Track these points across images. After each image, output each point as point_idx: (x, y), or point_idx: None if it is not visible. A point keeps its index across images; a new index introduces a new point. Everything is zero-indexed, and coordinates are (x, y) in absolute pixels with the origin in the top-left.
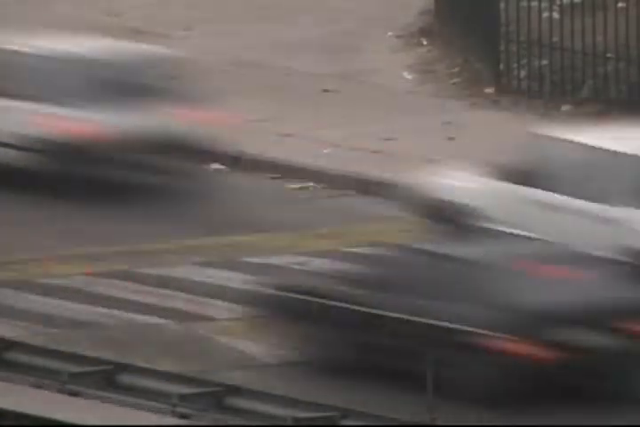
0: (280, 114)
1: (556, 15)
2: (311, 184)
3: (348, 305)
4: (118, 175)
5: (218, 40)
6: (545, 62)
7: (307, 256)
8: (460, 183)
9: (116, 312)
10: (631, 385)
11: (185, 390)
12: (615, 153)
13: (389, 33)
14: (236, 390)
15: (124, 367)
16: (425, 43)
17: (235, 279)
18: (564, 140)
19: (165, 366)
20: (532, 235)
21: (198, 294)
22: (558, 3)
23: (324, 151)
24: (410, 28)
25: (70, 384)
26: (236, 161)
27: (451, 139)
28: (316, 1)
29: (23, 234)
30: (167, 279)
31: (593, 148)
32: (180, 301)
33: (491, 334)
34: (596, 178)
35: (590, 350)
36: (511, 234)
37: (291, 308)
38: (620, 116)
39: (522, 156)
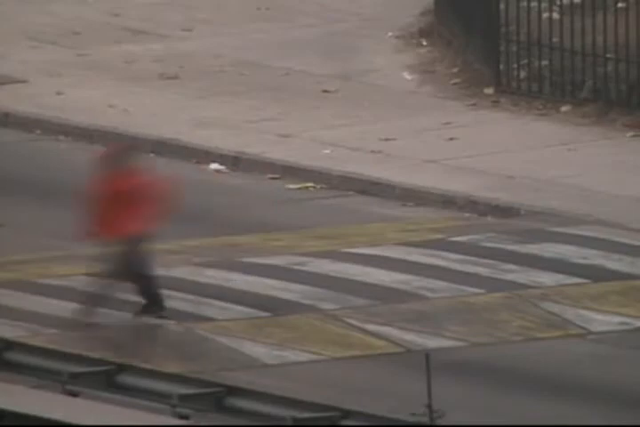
0: (280, 114)
1: (556, 15)
2: (311, 184)
3: None
4: None
5: (218, 40)
6: (545, 63)
7: (307, 256)
8: None
9: (115, 312)
10: None
11: (185, 390)
12: None
13: (389, 33)
14: (236, 391)
15: (124, 368)
16: (425, 43)
17: (235, 279)
18: None
19: (165, 366)
20: None
21: (198, 294)
22: (558, 3)
23: (324, 151)
24: (410, 28)
25: (70, 384)
26: (236, 161)
27: (451, 139)
28: (316, 1)
29: (23, 234)
30: (167, 279)
31: None
32: (179, 301)
33: None
34: None
35: None
36: None
37: None
38: (620, 117)
39: None
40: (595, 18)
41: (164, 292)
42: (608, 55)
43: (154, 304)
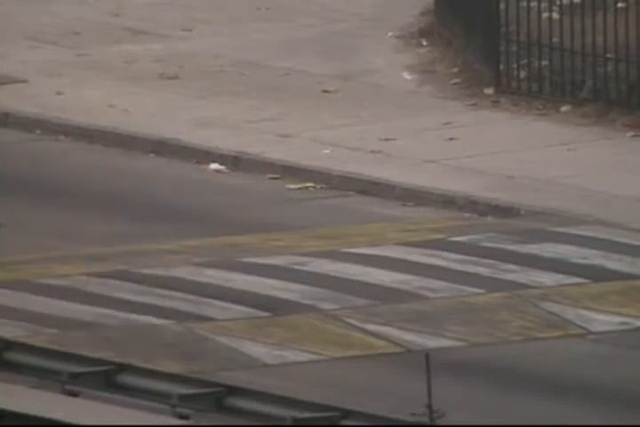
0: (280, 114)
1: (555, 15)
2: (311, 184)
3: None
4: None
5: (218, 40)
6: (545, 63)
7: (307, 256)
8: None
9: (115, 312)
10: None
11: (185, 390)
12: None
13: (389, 33)
14: (236, 391)
15: (124, 367)
16: (425, 43)
17: (235, 279)
18: None
19: (165, 366)
20: None
21: (198, 294)
22: (558, 3)
23: (324, 151)
24: (410, 28)
25: (70, 384)
26: (236, 161)
27: (451, 139)
28: (316, 1)
29: (23, 234)
30: (167, 279)
31: None
32: (179, 301)
33: None
34: None
35: None
36: None
37: None
38: (620, 117)
39: None
40: (595, 18)
41: (165, 291)
42: (608, 55)
43: None
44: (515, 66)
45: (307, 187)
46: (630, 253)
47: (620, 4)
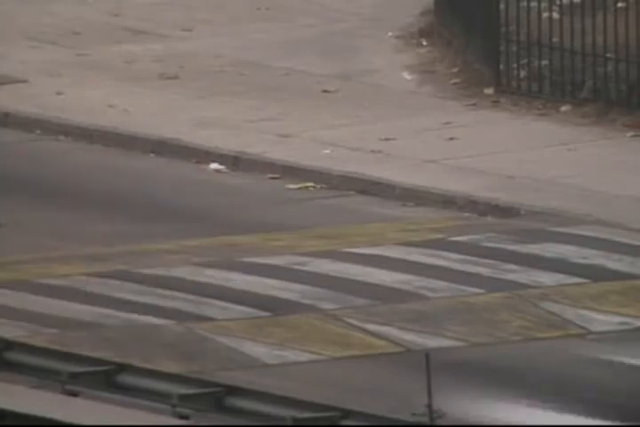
0: (280, 114)
1: (555, 15)
2: (311, 184)
3: None
4: None
5: (218, 40)
6: (545, 62)
7: (307, 256)
8: None
9: (116, 312)
10: None
11: (185, 390)
12: None
13: (389, 33)
14: (236, 391)
15: (124, 367)
16: (425, 43)
17: (235, 279)
18: None
19: (165, 366)
20: None
21: (198, 294)
22: (558, 3)
23: (324, 151)
24: (410, 28)
25: (70, 384)
26: (236, 161)
27: (451, 139)
28: (316, 1)
29: (23, 234)
30: (167, 279)
31: None
32: (180, 301)
33: None
34: None
35: None
36: None
37: None
38: (620, 117)
39: None
40: (595, 18)
41: (165, 291)
42: (608, 55)
43: None
44: (515, 66)
45: (307, 187)
46: (630, 253)
47: (619, 4)
